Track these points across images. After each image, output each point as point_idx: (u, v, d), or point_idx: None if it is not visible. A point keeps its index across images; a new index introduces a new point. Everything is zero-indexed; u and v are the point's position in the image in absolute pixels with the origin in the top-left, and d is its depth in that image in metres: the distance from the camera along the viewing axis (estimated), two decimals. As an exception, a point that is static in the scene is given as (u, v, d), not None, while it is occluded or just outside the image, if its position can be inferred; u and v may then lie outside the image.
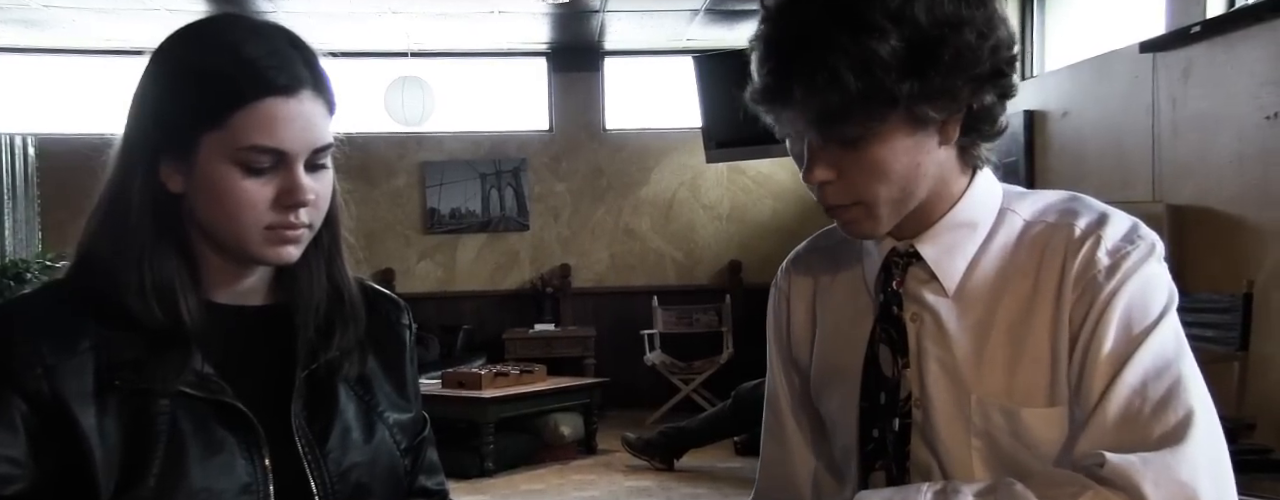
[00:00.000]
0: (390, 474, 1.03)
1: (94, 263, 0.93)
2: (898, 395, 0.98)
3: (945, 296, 0.97)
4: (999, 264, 0.97)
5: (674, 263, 7.26)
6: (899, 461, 0.98)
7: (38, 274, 5.02)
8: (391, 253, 7.07)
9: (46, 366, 0.88)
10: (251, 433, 0.93)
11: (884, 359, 0.99)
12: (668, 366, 6.73)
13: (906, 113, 0.89)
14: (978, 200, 0.98)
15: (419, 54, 6.72)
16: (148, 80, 0.94)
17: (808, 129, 0.92)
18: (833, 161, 0.93)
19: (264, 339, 1.00)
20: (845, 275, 1.06)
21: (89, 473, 0.87)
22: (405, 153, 7.02)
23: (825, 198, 0.96)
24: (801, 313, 1.10)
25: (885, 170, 0.92)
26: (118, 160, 0.94)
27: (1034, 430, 0.92)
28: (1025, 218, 0.98)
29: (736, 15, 6.19)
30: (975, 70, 0.90)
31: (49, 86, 6.71)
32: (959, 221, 0.97)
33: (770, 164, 7.03)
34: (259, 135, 0.90)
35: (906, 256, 0.99)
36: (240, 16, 0.97)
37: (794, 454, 1.13)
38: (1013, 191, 1.01)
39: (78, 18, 5.86)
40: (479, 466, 5.21)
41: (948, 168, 0.96)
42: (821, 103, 0.88)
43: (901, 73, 0.87)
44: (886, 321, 1.00)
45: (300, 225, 0.94)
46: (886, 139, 0.91)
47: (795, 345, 1.11)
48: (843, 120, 0.89)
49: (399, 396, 1.07)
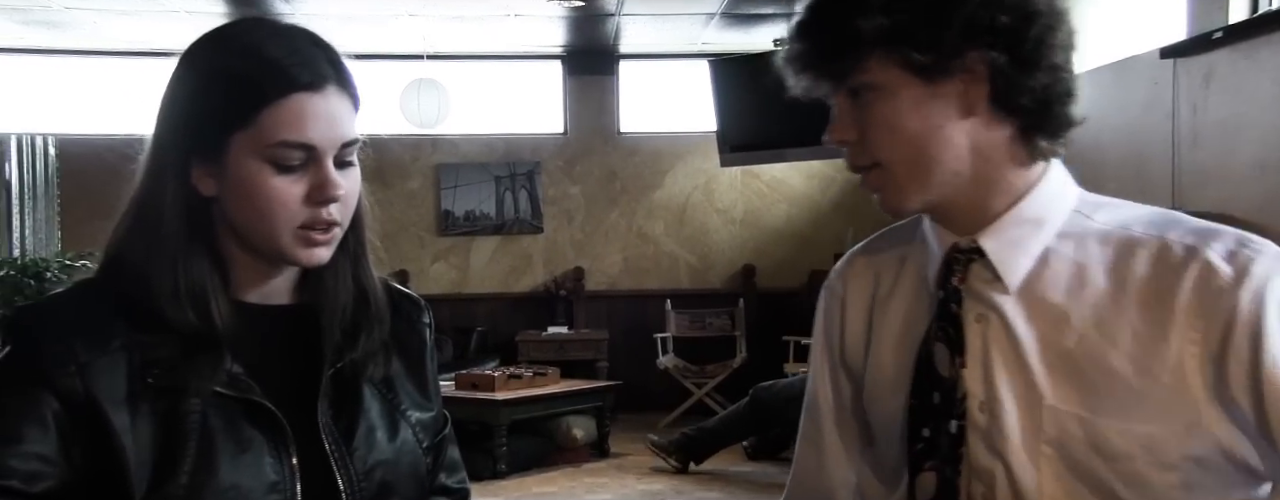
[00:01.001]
0: (413, 472, 1.04)
1: (126, 265, 0.94)
2: (954, 395, 0.95)
3: (1009, 294, 0.94)
4: (1071, 268, 0.94)
5: (687, 266, 7.25)
6: (953, 463, 0.95)
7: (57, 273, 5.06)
8: (406, 254, 7.08)
9: (80, 364, 0.89)
10: (279, 431, 0.94)
11: (940, 358, 0.96)
12: (681, 370, 6.72)
13: (889, 55, 0.90)
14: (1046, 198, 0.95)
15: (435, 56, 6.74)
16: (175, 85, 0.95)
17: (813, 83, 0.95)
18: (848, 120, 0.94)
19: (289, 339, 1.00)
20: (906, 276, 1.03)
21: (122, 470, 0.88)
22: (420, 155, 7.04)
23: (849, 159, 0.97)
24: (857, 315, 1.07)
25: (894, 127, 0.92)
26: (148, 164, 0.95)
27: (1115, 443, 0.90)
28: (1101, 225, 0.95)
29: (752, 19, 6.19)
30: (961, 15, 0.88)
31: (69, 87, 6.76)
32: (1025, 217, 0.95)
33: (785, 168, 7.01)
34: (288, 131, 0.91)
35: (968, 253, 0.96)
36: (263, 19, 0.99)
37: (830, 462, 1.10)
38: (1090, 198, 0.98)
39: (98, 19, 5.90)
40: (492, 468, 5.21)
41: (997, 152, 0.93)
42: (808, 50, 0.93)
43: (874, 11, 0.89)
44: (944, 319, 0.97)
45: (332, 222, 0.95)
46: (888, 92, 0.92)
47: (849, 349, 1.08)
48: (825, 63, 0.93)
49: (421, 395, 1.07)
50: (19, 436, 0.87)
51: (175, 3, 5.51)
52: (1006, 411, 0.93)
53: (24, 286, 4.95)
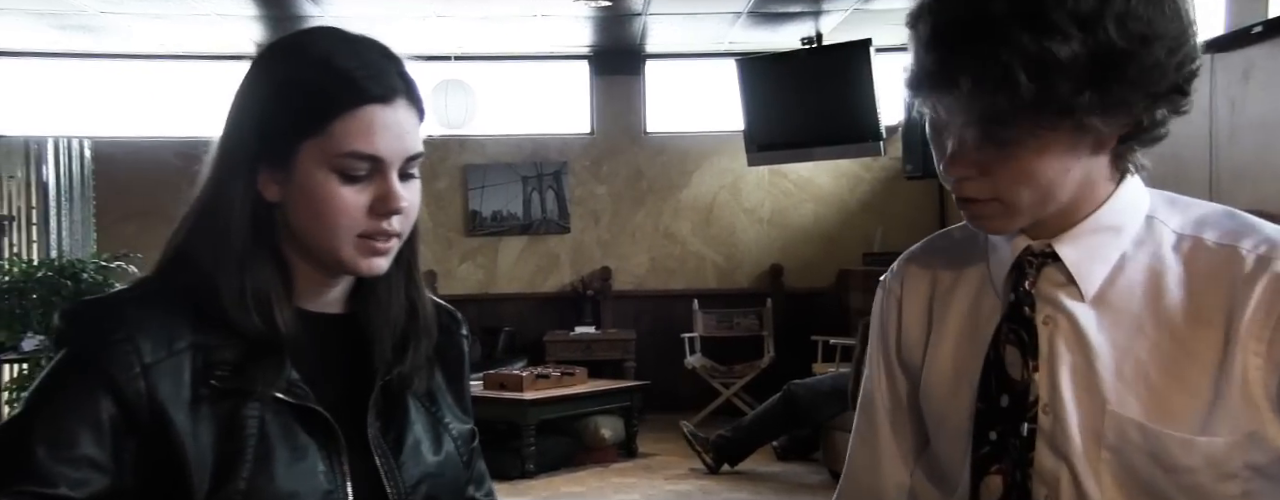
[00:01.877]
0: (454, 485, 1.05)
1: (189, 265, 0.94)
2: (1026, 399, 0.94)
3: (1082, 301, 0.93)
4: (1146, 276, 0.92)
5: (714, 266, 7.24)
6: (1022, 467, 0.94)
7: (93, 274, 5.13)
8: (434, 255, 7.12)
9: (144, 365, 0.89)
10: (333, 440, 0.94)
11: (1011, 361, 0.95)
12: (708, 370, 6.71)
13: (1074, 123, 0.84)
14: (1124, 205, 0.94)
15: (462, 57, 6.77)
16: (247, 91, 0.96)
17: (966, 127, 0.87)
18: (979, 159, 0.88)
19: (340, 348, 1.00)
20: (968, 275, 1.02)
21: (182, 471, 0.88)
22: (448, 155, 7.07)
23: (962, 190, 0.91)
24: (915, 314, 1.05)
25: (1034, 175, 0.88)
26: (216, 168, 0.95)
27: (1176, 454, 0.88)
28: (1176, 230, 0.93)
29: (779, 18, 6.16)
30: (1157, 87, 0.85)
31: (104, 90, 6.86)
32: (1103, 225, 0.93)
33: (812, 167, 6.98)
34: (358, 142, 0.92)
35: (1042, 257, 0.95)
36: (335, 29, 1.00)
37: (885, 463, 1.09)
38: (1160, 197, 0.97)
39: (132, 23, 5.98)
40: (520, 468, 5.23)
41: (1097, 173, 0.92)
42: (989, 102, 0.83)
43: (1080, 82, 0.82)
44: (1015, 322, 0.95)
45: (392, 234, 0.95)
46: (1045, 146, 0.86)
47: (906, 348, 1.06)
48: (1006, 123, 0.84)
49: (459, 408, 1.08)
50: (72, 440, 0.87)
51: (206, 6, 5.57)
52: (1069, 415, 0.92)
53: (61, 287, 5.02)
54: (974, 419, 0.96)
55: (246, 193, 0.94)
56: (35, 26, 6.08)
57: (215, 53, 6.54)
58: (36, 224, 6.48)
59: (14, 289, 5.05)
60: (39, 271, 5.15)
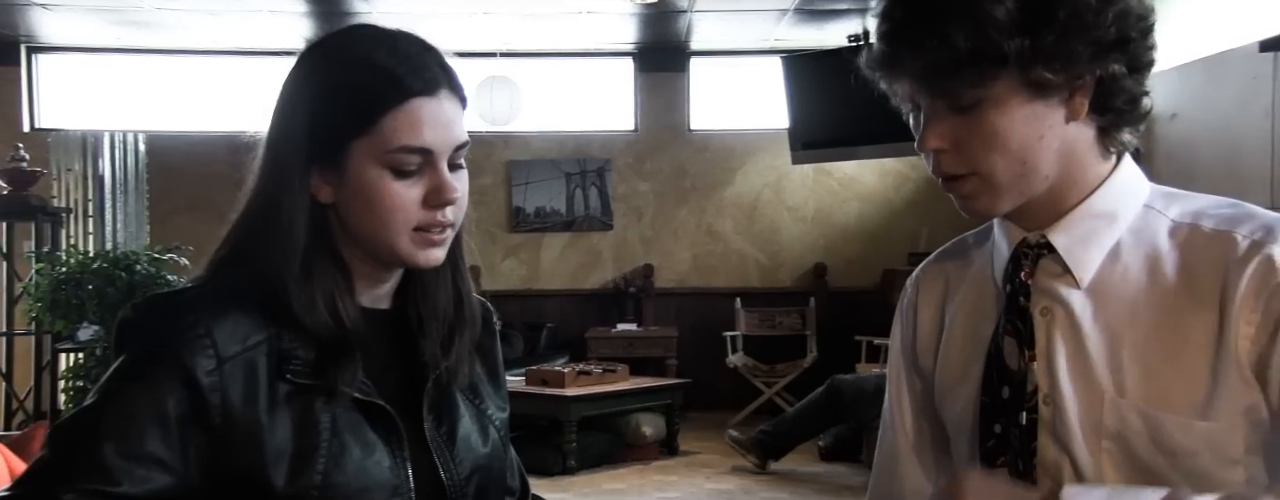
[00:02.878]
0: (500, 474, 1.07)
1: (252, 269, 0.94)
2: (1024, 389, 0.95)
3: (1078, 288, 0.94)
4: (1141, 262, 0.93)
5: (757, 264, 7.21)
6: (1025, 457, 0.95)
7: (146, 265, 5.23)
8: (477, 251, 7.12)
9: (221, 359, 0.89)
10: (395, 434, 0.96)
11: (1009, 351, 0.96)
12: (750, 369, 6.68)
13: (1019, 74, 0.87)
14: (1118, 191, 0.95)
15: (507, 54, 6.81)
16: (292, 94, 0.97)
17: (918, 92, 0.91)
18: (947, 129, 0.92)
19: (391, 343, 1.02)
20: (974, 274, 1.03)
21: (257, 467, 0.89)
22: (492, 152, 7.11)
23: (940, 166, 0.94)
24: (928, 318, 1.07)
25: (1003, 139, 0.90)
26: (268, 172, 0.96)
27: (1177, 439, 0.89)
28: (1172, 218, 0.94)
29: (826, 15, 6.12)
30: (1094, 33, 0.87)
31: (159, 85, 6.99)
32: (1095, 211, 0.94)
33: (856, 166, 6.92)
34: (407, 136, 0.93)
35: (1037, 248, 0.96)
36: (372, 26, 1.01)
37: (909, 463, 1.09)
38: (1160, 190, 0.97)
39: (186, 19, 6.09)
40: (561, 464, 5.25)
41: (1082, 149, 0.93)
42: (929, 61, 0.88)
43: (1012, 30, 0.86)
44: (1012, 313, 0.96)
45: (446, 224, 0.97)
46: (1002, 105, 0.89)
47: (921, 352, 1.08)
48: (951, 79, 0.88)
49: (499, 398, 1.10)
50: (140, 437, 0.87)
51: (258, 3, 5.66)
52: (1068, 404, 0.92)
53: (115, 278, 5.13)
54: (979, 413, 0.97)
55: (302, 197, 0.94)
56: (94, 22, 6.22)
57: (267, 48, 6.65)
58: (92, 216, 6.63)
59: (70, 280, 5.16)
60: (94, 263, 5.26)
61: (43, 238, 5.83)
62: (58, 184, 6.55)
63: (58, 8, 5.87)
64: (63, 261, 5.34)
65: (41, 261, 5.45)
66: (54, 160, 6.54)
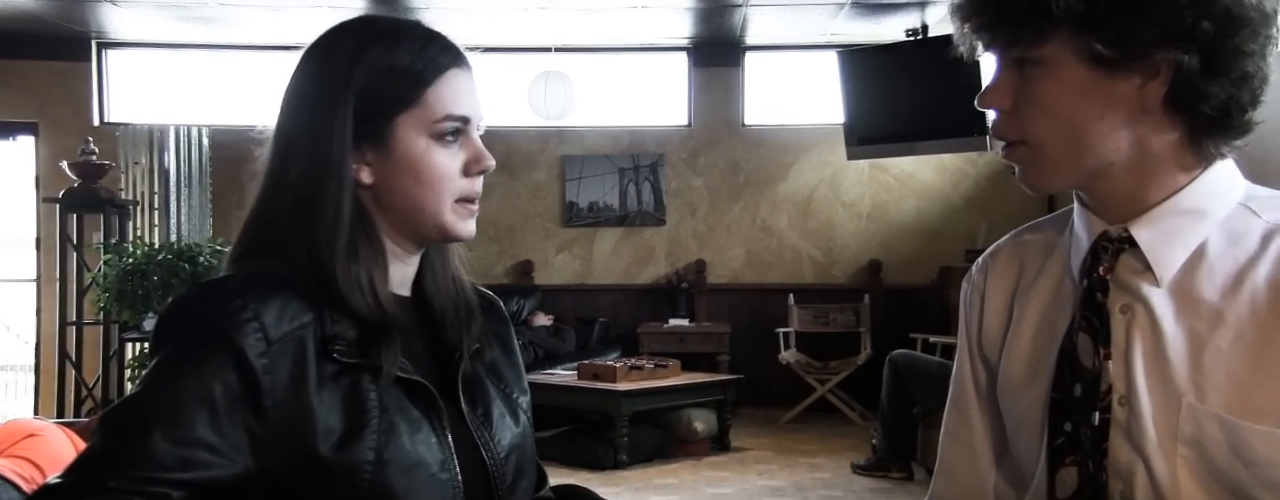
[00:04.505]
0: (531, 454, 1.09)
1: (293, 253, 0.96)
2: (1098, 388, 0.92)
3: (1159, 287, 0.91)
4: (1230, 264, 0.89)
5: (811, 261, 7.15)
6: (1096, 459, 0.91)
7: (209, 257, 5.35)
8: (531, 245, 7.21)
9: (270, 341, 0.90)
10: (437, 412, 0.98)
11: (1083, 348, 0.93)
12: (803, 366, 6.63)
13: (1072, 39, 0.86)
14: (1208, 189, 0.91)
15: (562, 49, 6.83)
16: (325, 80, 0.98)
17: (975, 37, 0.92)
18: (1008, 87, 0.92)
19: (416, 327, 1.04)
20: (1050, 266, 1.00)
21: (308, 445, 0.90)
22: (546, 146, 7.15)
23: (996, 129, 0.94)
24: (996, 307, 1.04)
25: (1055, 107, 0.89)
26: (305, 159, 0.97)
27: (1258, 449, 0.85)
28: (1269, 220, 0.90)
29: (883, 9, 6.04)
30: (1161, 14, 0.84)
31: (222, 80, 7.14)
32: (1182, 208, 0.91)
33: (914, 162, 6.83)
34: (451, 104, 0.99)
35: (1118, 242, 0.93)
36: (377, 15, 1.06)
37: (981, 457, 1.07)
38: (1259, 190, 0.94)
39: (249, 15, 6.21)
40: (613, 458, 5.26)
41: (1162, 150, 0.90)
42: (986, 8, 0.89)
43: None
44: (1088, 309, 0.93)
45: (478, 196, 1.02)
46: (1058, 71, 0.88)
47: (986, 341, 1.05)
48: (1010, 31, 0.89)
49: (519, 380, 1.12)
50: (190, 422, 0.87)
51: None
52: (1144, 407, 0.89)
53: (179, 269, 5.25)
54: (1048, 409, 0.94)
55: (347, 179, 0.97)
56: (160, 19, 6.37)
57: (325, 45, 6.74)
58: (158, 208, 6.79)
59: (136, 271, 5.30)
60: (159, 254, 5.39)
61: (111, 230, 5.99)
62: (125, 177, 6.71)
63: (127, 4, 6.02)
64: (129, 253, 5.48)
65: (109, 253, 5.59)
66: (122, 154, 6.70)
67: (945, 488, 1.10)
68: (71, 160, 5.83)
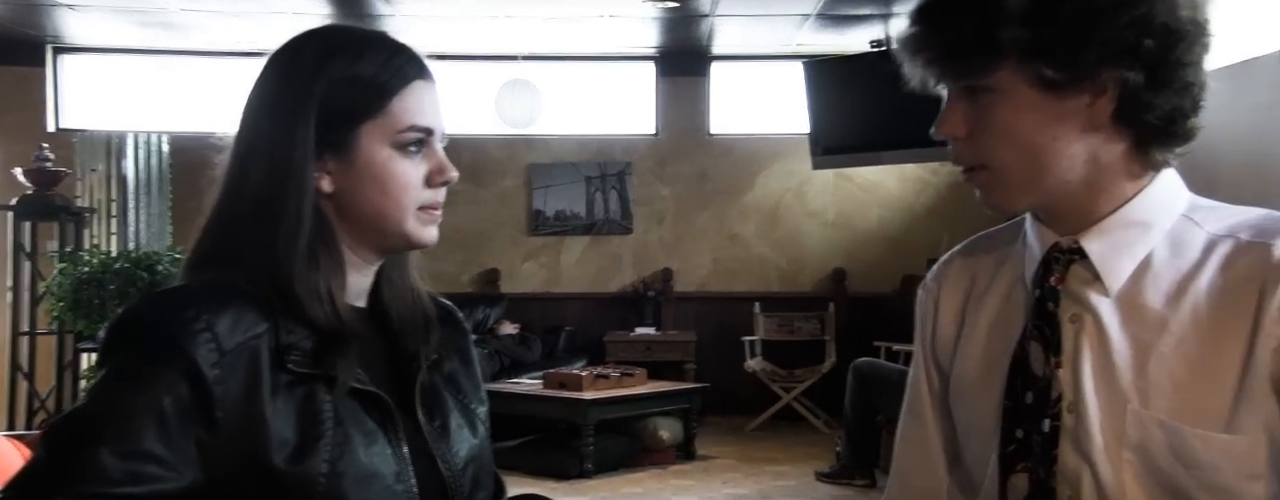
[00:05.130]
0: (488, 466, 1.09)
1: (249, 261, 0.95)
2: (1048, 395, 0.94)
3: (1108, 297, 0.93)
4: (1174, 273, 0.92)
5: (777, 269, 7.19)
6: (1046, 465, 0.94)
7: (168, 266, 5.27)
8: (497, 253, 7.18)
9: (223, 351, 0.89)
10: (392, 424, 0.97)
11: (1035, 356, 0.95)
12: (769, 374, 6.66)
13: (1022, 66, 0.88)
14: (1154, 201, 0.94)
15: (529, 57, 6.82)
16: (287, 89, 0.98)
17: (926, 70, 0.93)
18: (961, 116, 0.93)
19: (372, 338, 1.03)
20: (1003, 275, 1.03)
21: (261, 457, 0.89)
22: (513, 155, 7.13)
23: (954, 155, 0.96)
24: (949, 313, 1.06)
25: (1011, 133, 0.91)
26: (265, 167, 0.96)
27: (1199, 452, 0.88)
28: (1209, 231, 0.93)
29: (848, 20, 6.09)
30: (1103, 36, 0.87)
31: (183, 87, 7.05)
32: (1130, 220, 0.93)
33: (878, 171, 6.89)
34: (415, 116, 0.99)
35: (1069, 253, 0.95)
36: (343, 24, 1.07)
37: (935, 462, 1.08)
38: (1202, 203, 0.97)
39: (211, 21, 6.14)
40: (578, 467, 5.24)
41: (1112, 162, 0.92)
42: (942, 43, 0.91)
43: (1017, 21, 0.87)
44: (1040, 318, 0.96)
45: (441, 204, 1.02)
46: (1011, 98, 0.90)
47: (940, 348, 1.07)
48: (959, 62, 0.91)
49: (477, 390, 1.12)
50: (138, 436, 0.86)
51: (283, 4, 5.69)
52: (1092, 413, 0.92)
53: (137, 278, 5.18)
54: (1001, 417, 0.96)
55: (309, 187, 0.96)
56: (118, 24, 6.28)
57: (289, 51, 6.68)
58: (116, 216, 6.69)
59: (92, 280, 5.21)
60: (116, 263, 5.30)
61: (66, 238, 5.89)
62: (82, 184, 6.60)
63: (83, 8, 5.93)
64: (85, 261, 5.39)
65: (64, 261, 5.50)
66: (78, 161, 6.59)
67: (900, 492, 1.11)
68: (26, 167, 5.72)
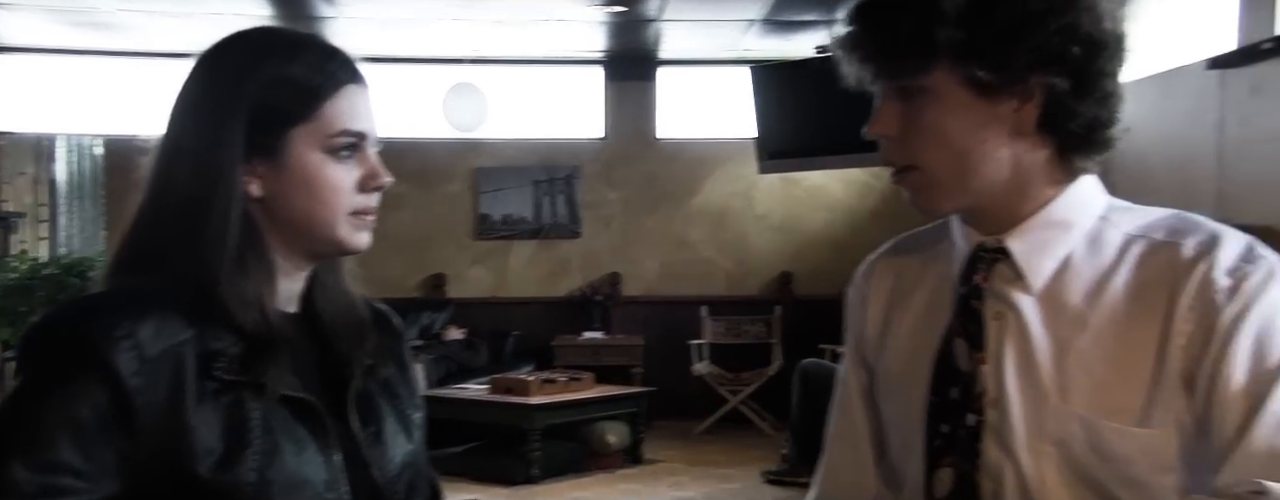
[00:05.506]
0: (425, 471, 1.08)
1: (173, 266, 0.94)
2: (972, 391, 0.96)
3: (1030, 294, 0.96)
4: (1093, 272, 0.95)
5: (724, 273, 7.23)
6: (970, 460, 0.96)
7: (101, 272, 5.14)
8: (444, 258, 7.13)
9: (145, 359, 0.88)
10: (324, 432, 0.96)
11: (959, 353, 0.98)
12: (716, 377, 6.69)
13: (955, 67, 0.91)
14: (1074, 202, 0.97)
15: (476, 61, 6.79)
16: (215, 91, 0.97)
17: (862, 68, 0.95)
18: (894, 117, 0.95)
19: (304, 344, 1.02)
20: (930, 274, 1.05)
21: (185, 466, 0.87)
22: (460, 158, 7.08)
23: (885, 155, 0.97)
24: (876, 311, 1.09)
25: (941, 134, 0.93)
26: (192, 170, 0.95)
27: (1114, 446, 0.91)
28: (1126, 231, 0.96)
29: (793, 26, 6.16)
30: (1033, 41, 0.89)
31: (117, 89, 6.88)
32: (1051, 220, 0.96)
33: (823, 176, 6.97)
34: (347, 120, 0.97)
35: (993, 252, 0.98)
36: (277, 27, 1.05)
37: (863, 456, 1.10)
38: (1118, 204, 1.00)
39: (147, 22, 6.01)
40: (525, 473, 5.22)
41: (1035, 168, 0.95)
42: (878, 43, 0.93)
43: (952, 23, 0.89)
44: (965, 315, 0.98)
45: (374, 209, 1.00)
46: (943, 99, 0.92)
47: (867, 345, 1.10)
48: (894, 62, 0.92)
49: (413, 396, 1.10)
50: (52, 446, 0.85)
51: (223, 5, 5.59)
52: (1014, 409, 0.94)
53: (67, 285, 5.04)
54: (927, 412, 0.99)
55: (237, 191, 0.94)
56: (49, 23, 6.11)
57: (230, 52, 6.56)
58: (46, 221, 6.51)
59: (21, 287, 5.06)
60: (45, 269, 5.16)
61: (-6, 243, 5.72)
62: (9, 188, 6.41)
63: (13, 7, 5.77)
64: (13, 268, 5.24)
65: (-7, 267, 5.34)
66: (5, 164, 6.41)
67: (828, 486, 1.13)
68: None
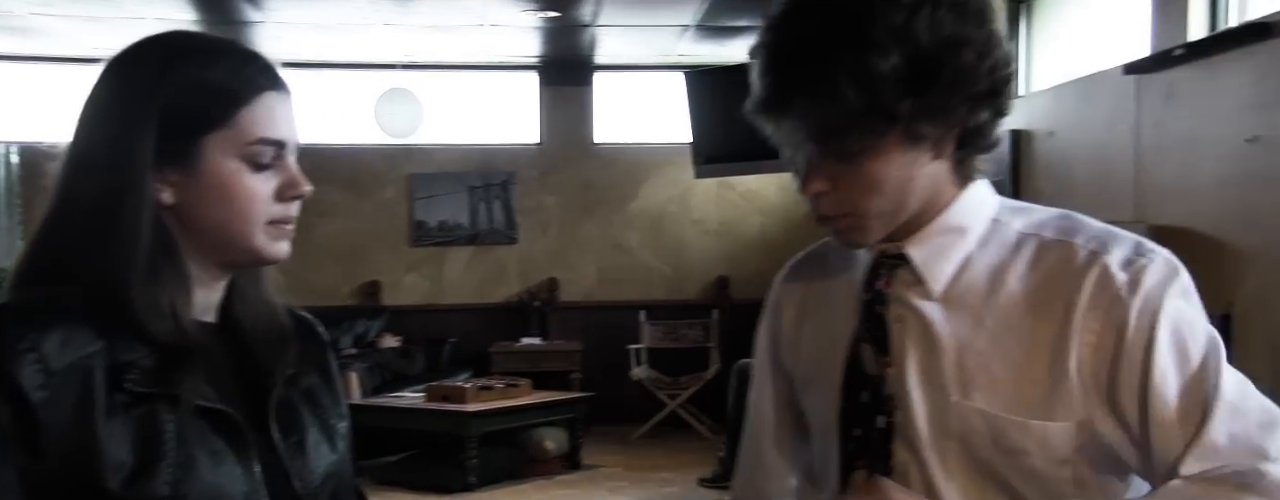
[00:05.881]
0: (349, 482, 1.07)
1: (82, 275, 0.91)
2: (881, 394, 0.99)
3: (931, 299, 0.98)
4: (989, 272, 0.98)
5: (662, 277, 7.26)
6: (882, 461, 0.99)
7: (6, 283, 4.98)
8: (378, 265, 7.04)
9: (51, 372, 0.86)
10: (242, 443, 0.94)
11: (867, 358, 1.00)
12: (654, 382, 6.71)
13: (904, 130, 0.91)
14: (968, 206, 1.00)
15: (410, 66, 6.72)
16: (126, 96, 0.94)
17: (806, 142, 0.94)
18: (829, 174, 0.95)
19: (223, 355, 1.00)
20: (838, 281, 1.07)
21: (95, 480, 0.86)
22: (394, 165, 7.01)
23: (819, 208, 0.98)
24: (790, 318, 1.11)
25: (879, 184, 0.94)
26: (101, 177, 0.93)
27: (1014, 438, 0.94)
28: (1018, 229, 0.99)
29: (727, 32, 6.22)
30: (973, 89, 0.92)
31: (34, 94, 6.67)
32: (948, 226, 0.99)
33: (758, 180, 7.04)
34: (265, 128, 0.95)
35: (895, 258, 1.00)
36: (194, 32, 1.03)
37: (773, 462, 1.13)
38: (1008, 204, 1.03)
39: (65, 26, 5.84)
40: (462, 481, 5.18)
41: (940, 180, 0.98)
42: (822, 117, 0.91)
43: (901, 90, 0.89)
44: (870, 320, 1.01)
45: (293, 218, 0.98)
46: (883, 154, 0.93)
47: (783, 350, 1.12)
48: (842, 135, 0.91)
49: (338, 405, 1.09)
50: None
51: (144, 10, 5.46)
52: (917, 409, 0.97)
53: (-13, 295, 4.87)
54: (840, 416, 1.02)
55: (146, 198, 0.92)
56: (-34, 27, 5.91)
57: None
58: (-38, 230, 6.28)
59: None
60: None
61: (-93, 253, 5.50)
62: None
63: (-73, 10, 5.57)
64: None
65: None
66: (-81, 171, 6.18)
67: (746, 490, 1.16)
68: None
